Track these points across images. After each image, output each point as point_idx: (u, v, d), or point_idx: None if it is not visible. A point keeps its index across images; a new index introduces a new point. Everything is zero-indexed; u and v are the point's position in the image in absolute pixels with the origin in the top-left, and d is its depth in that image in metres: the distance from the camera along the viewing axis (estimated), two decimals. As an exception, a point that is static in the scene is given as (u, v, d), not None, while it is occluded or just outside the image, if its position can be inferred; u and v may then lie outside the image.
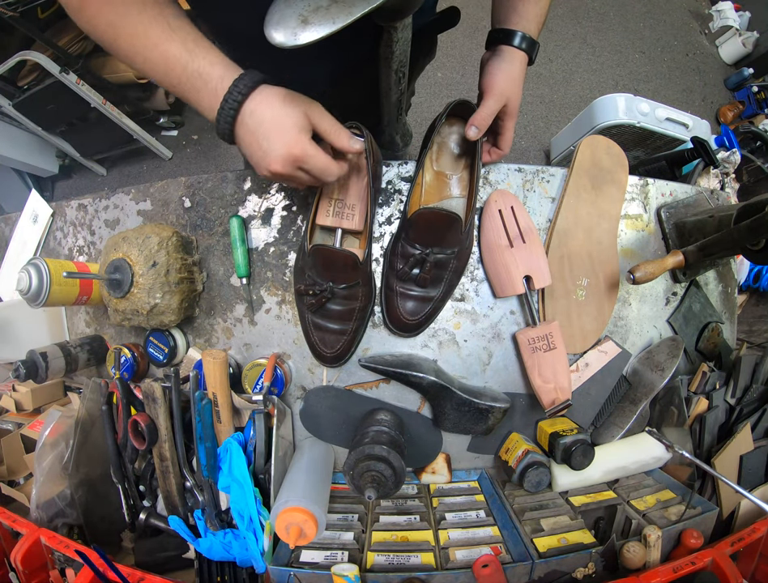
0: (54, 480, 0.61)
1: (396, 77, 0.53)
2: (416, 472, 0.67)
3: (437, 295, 0.57)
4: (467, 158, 0.60)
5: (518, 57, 0.51)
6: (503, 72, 0.51)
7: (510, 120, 0.55)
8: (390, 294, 0.58)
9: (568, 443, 0.57)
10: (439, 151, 0.60)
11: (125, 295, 0.57)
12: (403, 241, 0.55)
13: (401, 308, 0.57)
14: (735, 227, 0.51)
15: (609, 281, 0.63)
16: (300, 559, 0.52)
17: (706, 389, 0.65)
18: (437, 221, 0.52)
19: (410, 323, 0.57)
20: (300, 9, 0.36)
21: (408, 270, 0.55)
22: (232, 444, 0.56)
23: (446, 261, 0.55)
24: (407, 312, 0.57)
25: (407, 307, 0.57)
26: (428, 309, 0.57)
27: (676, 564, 0.49)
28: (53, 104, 1.67)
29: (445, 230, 0.53)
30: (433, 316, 0.59)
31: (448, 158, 0.60)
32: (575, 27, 2.25)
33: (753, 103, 2.09)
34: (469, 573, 0.49)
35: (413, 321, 0.57)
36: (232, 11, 0.48)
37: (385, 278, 0.59)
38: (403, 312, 0.57)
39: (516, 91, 0.52)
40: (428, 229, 0.53)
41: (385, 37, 0.46)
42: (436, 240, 0.54)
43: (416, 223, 0.53)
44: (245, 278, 0.63)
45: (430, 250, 0.53)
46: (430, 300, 0.57)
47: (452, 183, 0.60)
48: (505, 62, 0.51)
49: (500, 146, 0.58)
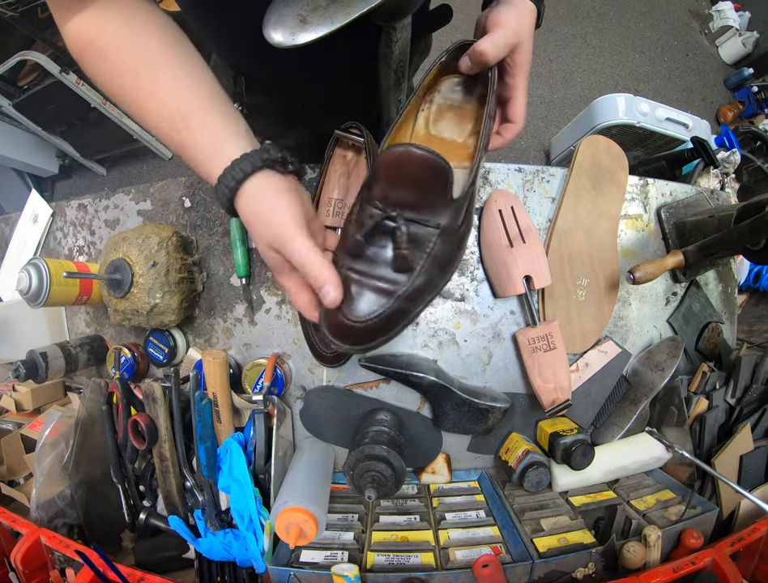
0: (54, 480, 0.61)
1: (396, 77, 0.53)
2: (416, 472, 0.67)
3: (404, 289, 0.34)
4: (475, 121, 0.45)
5: (528, 6, 0.42)
6: (513, 13, 0.40)
7: (521, 74, 0.42)
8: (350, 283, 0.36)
9: (568, 443, 0.57)
10: (438, 112, 0.46)
11: (125, 295, 0.57)
12: (362, 202, 0.36)
13: (344, 302, 0.34)
14: (735, 227, 0.51)
15: (609, 281, 0.63)
16: (300, 559, 0.52)
17: (706, 389, 0.65)
18: (413, 167, 0.33)
19: (354, 325, 0.33)
20: (298, 9, 0.36)
21: (362, 240, 0.35)
22: (232, 444, 0.56)
23: (423, 238, 0.35)
24: (353, 307, 0.34)
25: (355, 300, 0.34)
26: (387, 307, 0.34)
27: (676, 564, 0.49)
28: (53, 104, 1.67)
29: (425, 184, 0.34)
30: (394, 322, 0.34)
31: (450, 121, 0.46)
32: (575, 27, 2.26)
33: (753, 103, 2.09)
34: (469, 573, 0.49)
35: (358, 323, 0.33)
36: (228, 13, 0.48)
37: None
38: (344, 306, 0.33)
39: (528, 37, 0.41)
40: (398, 180, 0.33)
41: (384, 37, 0.46)
42: (409, 198, 0.34)
43: (382, 170, 0.34)
44: (245, 278, 0.63)
45: (398, 212, 0.34)
46: (391, 295, 0.34)
47: (452, 150, 0.45)
48: (514, 6, 0.41)
49: (510, 117, 0.44)
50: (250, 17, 0.39)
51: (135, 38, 0.35)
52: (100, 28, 0.35)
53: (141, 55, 0.35)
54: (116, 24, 0.35)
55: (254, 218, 0.34)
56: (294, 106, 0.68)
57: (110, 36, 0.35)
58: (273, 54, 0.38)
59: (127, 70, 0.35)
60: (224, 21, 0.49)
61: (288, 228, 0.33)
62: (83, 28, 0.36)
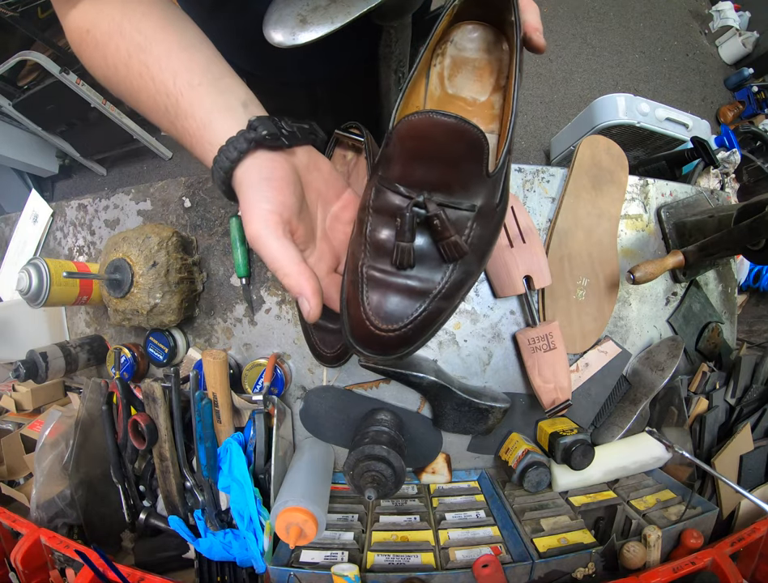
0: (54, 480, 0.61)
1: (396, 77, 0.53)
2: (416, 472, 0.67)
3: (441, 286, 0.29)
4: (499, 74, 0.39)
5: None
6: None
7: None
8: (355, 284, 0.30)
9: (568, 443, 0.57)
10: (454, 66, 0.39)
11: (125, 295, 0.57)
12: (380, 183, 0.30)
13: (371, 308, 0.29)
14: (735, 227, 0.51)
15: (609, 281, 0.63)
16: (300, 559, 0.52)
17: (706, 389, 0.65)
18: (438, 139, 0.27)
19: (385, 335, 0.28)
20: (298, 8, 0.36)
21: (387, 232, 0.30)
22: (232, 444, 0.56)
23: (458, 224, 0.29)
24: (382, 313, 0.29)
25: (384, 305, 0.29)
26: (423, 310, 0.29)
27: (676, 564, 0.49)
28: (53, 104, 1.67)
29: (455, 159, 0.28)
30: (429, 326, 0.29)
31: (468, 76, 0.39)
32: (575, 27, 2.26)
33: (753, 103, 2.09)
34: (469, 573, 0.49)
35: (389, 332, 0.28)
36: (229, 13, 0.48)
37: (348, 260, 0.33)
38: (371, 314, 0.29)
39: None
40: (421, 156, 0.28)
41: (384, 37, 0.47)
42: (437, 178, 0.28)
43: (400, 144, 0.28)
44: (245, 278, 0.63)
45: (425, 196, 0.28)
46: (425, 295, 0.29)
47: (474, 111, 0.39)
48: None
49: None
50: (251, 17, 0.39)
51: (128, 23, 0.33)
52: (96, 17, 0.34)
53: (133, 38, 0.33)
54: (110, 11, 0.34)
55: (241, 211, 0.30)
56: (294, 106, 0.68)
57: (105, 24, 0.34)
58: (273, 54, 0.38)
59: (120, 57, 0.33)
60: (225, 21, 0.50)
61: (255, 225, 0.28)
62: (81, 18, 0.35)
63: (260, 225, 0.28)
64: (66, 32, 0.37)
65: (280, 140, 0.30)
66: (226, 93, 0.32)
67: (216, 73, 0.33)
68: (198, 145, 0.31)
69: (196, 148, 0.32)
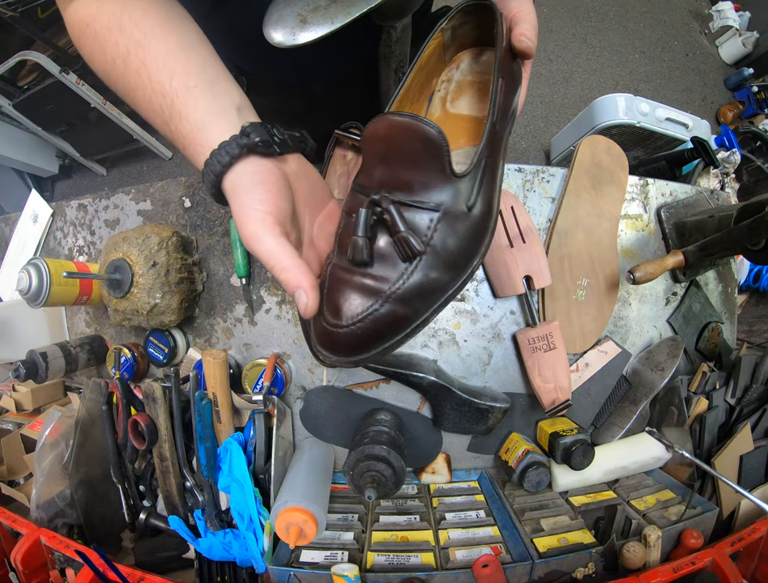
0: (54, 480, 0.61)
1: (396, 77, 0.53)
2: (416, 472, 0.67)
3: (395, 288, 0.28)
4: None
5: None
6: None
7: None
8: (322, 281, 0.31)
9: (568, 443, 0.57)
10: (458, 90, 0.40)
11: (125, 295, 0.57)
12: (352, 186, 0.33)
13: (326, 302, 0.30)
14: (735, 227, 0.51)
15: (609, 281, 0.63)
16: (300, 559, 0.52)
17: (706, 389, 0.65)
18: (394, 138, 0.28)
19: (334, 331, 0.28)
20: (298, 8, 0.36)
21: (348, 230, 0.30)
22: (232, 444, 0.56)
23: (419, 225, 0.29)
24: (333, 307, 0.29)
25: (337, 300, 0.29)
26: (374, 309, 0.27)
27: (676, 564, 0.49)
28: (53, 104, 1.68)
29: (412, 157, 0.28)
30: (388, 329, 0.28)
31: (471, 96, 0.39)
32: (575, 27, 2.26)
33: (752, 103, 2.09)
34: (469, 573, 0.49)
35: (339, 328, 0.28)
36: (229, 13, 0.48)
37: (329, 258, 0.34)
38: (325, 308, 0.29)
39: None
40: (381, 156, 0.29)
41: (384, 37, 0.47)
42: (394, 176, 0.29)
43: (368, 147, 0.30)
44: (245, 278, 0.63)
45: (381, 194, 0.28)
46: (377, 294, 0.28)
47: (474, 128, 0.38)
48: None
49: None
50: (251, 17, 0.39)
51: (127, 19, 0.33)
52: (97, 10, 0.34)
53: (132, 35, 0.33)
54: (111, 5, 0.34)
55: (233, 214, 0.30)
56: (295, 106, 0.68)
57: (105, 17, 0.34)
58: (273, 54, 0.38)
59: (119, 52, 0.33)
60: (225, 21, 0.50)
61: (252, 225, 0.29)
62: (82, 11, 0.35)
63: (257, 225, 0.28)
64: (67, 25, 0.37)
65: (272, 147, 0.30)
66: (221, 97, 0.32)
67: (212, 75, 0.33)
68: (190, 146, 0.31)
69: (188, 149, 0.32)
